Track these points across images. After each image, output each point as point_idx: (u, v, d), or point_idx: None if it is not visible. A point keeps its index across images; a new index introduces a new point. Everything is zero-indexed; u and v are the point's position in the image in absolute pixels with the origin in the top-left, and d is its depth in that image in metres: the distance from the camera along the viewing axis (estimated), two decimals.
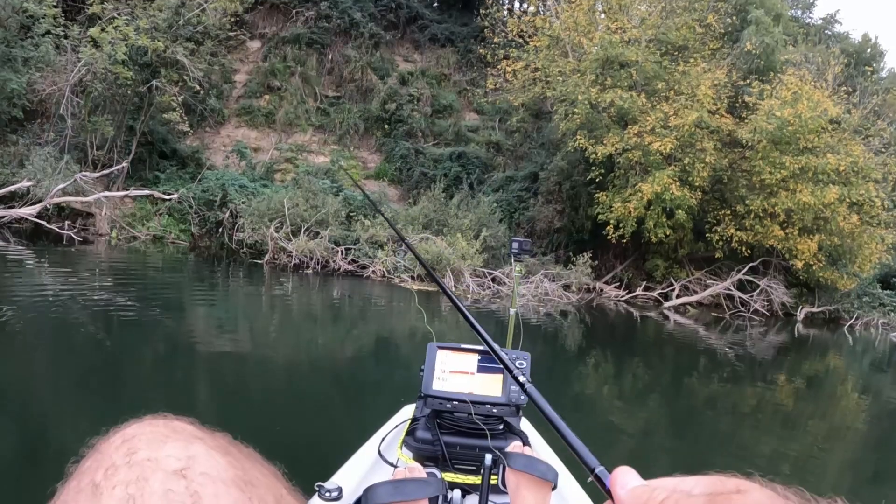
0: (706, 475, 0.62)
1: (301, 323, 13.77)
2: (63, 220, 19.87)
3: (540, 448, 2.84)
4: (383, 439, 2.65)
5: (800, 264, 21.20)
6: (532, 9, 29.48)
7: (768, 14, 23.93)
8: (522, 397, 2.44)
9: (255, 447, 0.81)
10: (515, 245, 4.87)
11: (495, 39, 27.45)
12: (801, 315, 22.55)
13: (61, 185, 18.80)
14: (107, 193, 20.12)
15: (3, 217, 18.65)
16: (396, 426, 2.77)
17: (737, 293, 22.37)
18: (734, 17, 24.61)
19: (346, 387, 8.99)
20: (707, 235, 22.43)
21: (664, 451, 7.81)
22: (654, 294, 22.66)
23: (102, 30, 19.96)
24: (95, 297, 12.42)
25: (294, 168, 26.26)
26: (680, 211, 20.54)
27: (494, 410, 2.46)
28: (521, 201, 24.93)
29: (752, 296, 22.28)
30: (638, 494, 0.64)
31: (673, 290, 22.63)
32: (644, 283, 23.06)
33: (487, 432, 2.39)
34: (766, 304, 22.36)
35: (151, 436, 0.71)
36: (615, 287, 22.99)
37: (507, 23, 27.83)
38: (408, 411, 2.94)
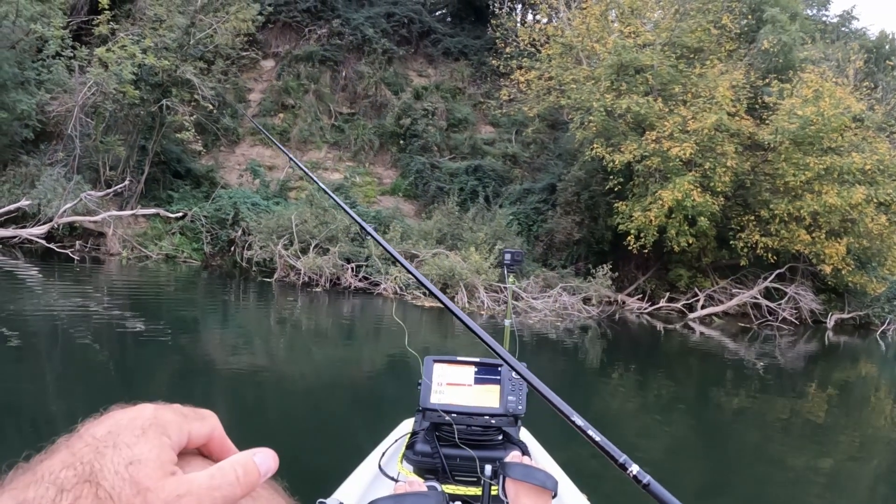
0: None
1: (303, 341, 13.64)
2: (75, 239, 19.90)
3: (540, 457, 2.85)
4: (383, 454, 2.68)
5: (828, 269, 20.56)
6: (545, 20, 29.13)
7: (784, 12, 23.40)
8: (520, 407, 2.47)
9: None
10: (508, 257, 4.66)
11: (507, 50, 27.17)
12: (830, 322, 21.90)
13: (68, 205, 18.86)
14: (113, 213, 20.10)
15: (14, 237, 18.70)
16: (396, 440, 2.78)
17: (764, 302, 21.73)
18: (749, 17, 24.11)
19: (347, 402, 8.97)
20: (731, 242, 21.81)
21: (692, 466, 7.66)
22: (679, 305, 22.04)
23: (108, 49, 19.92)
24: (105, 316, 12.45)
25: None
26: (702, 218, 19.99)
27: (493, 421, 2.47)
28: (540, 213, 24.45)
29: (779, 304, 21.64)
30: None
31: (697, 300, 22.01)
32: (667, 293, 22.46)
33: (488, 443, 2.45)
34: (794, 312, 21.69)
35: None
36: (638, 299, 22.41)
37: (519, 32, 27.52)
38: (407, 425, 2.96)
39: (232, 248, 21.73)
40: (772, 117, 20.69)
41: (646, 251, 21.13)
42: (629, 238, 21.00)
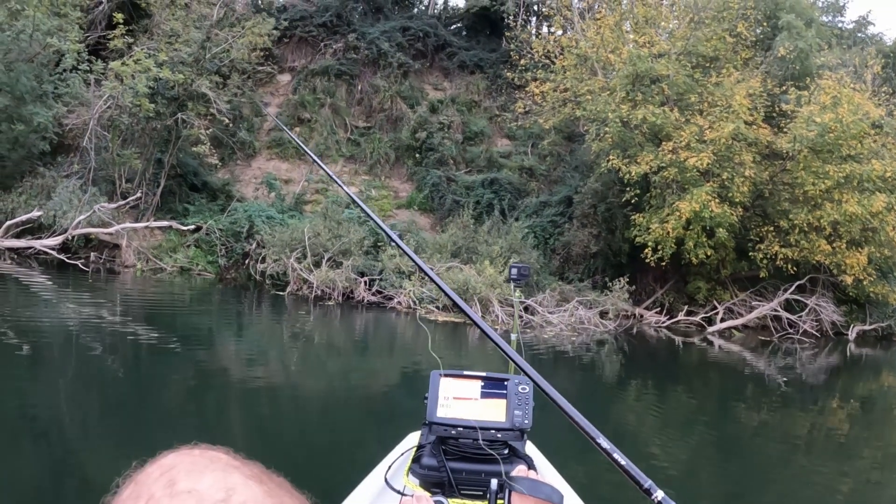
0: None
1: (313, 354, 13.63)
2: (90, 251, 20.10)
3: (546, 471, 2.88)
4: (390, 467, 2.66)
5: (849, 279, 20.19)
6: (560, 32, 29.05)
7: (799, 19, 23.07)
8: (526, 422, 2.47)
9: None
10: (514, 271, 4.63)
11: (521, 62, 27.08)
12: (852, 334, 21.46)
13: (82, 217, 19.04)
14: (126, 225, 20.31)
15: (29, 248, 18.92)
16: (402, 454, 2.76)
17: (784, 314, 21.32)
18: (764, 24, 23.83)
19: (356, 415, 9.01)
20: (750, 254, 21.45)
21: (712, 482, 7.55)
22: (697, 319, 21.68)
23: (123, 63, 20.07)
24: (115, 327, 12.60)
25: (324, 198, 26.03)
26: (720, 229, 19.69)
27: (499, 435, 2.46)
28: (556, 226, 24.25)
29: (800, 316, 21.23)
30: None
31: (717, 313, 21.67)
32: (686, 307, 22.09)
33: (498, 457, 2.42)
34: (815, 324, 21.28)
35: (190, 466, 0.71)
36: (656, 312, 22.08)
37: (533, 44, 27.44)
38: (413, 438, 2.96)
39: (246, 262, 21.72)
40: (790, 125, 20.34)
41: (663, 264, 20.81)
42: (647, 250, 20.72)
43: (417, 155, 28.48)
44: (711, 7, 22.42)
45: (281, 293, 19.34)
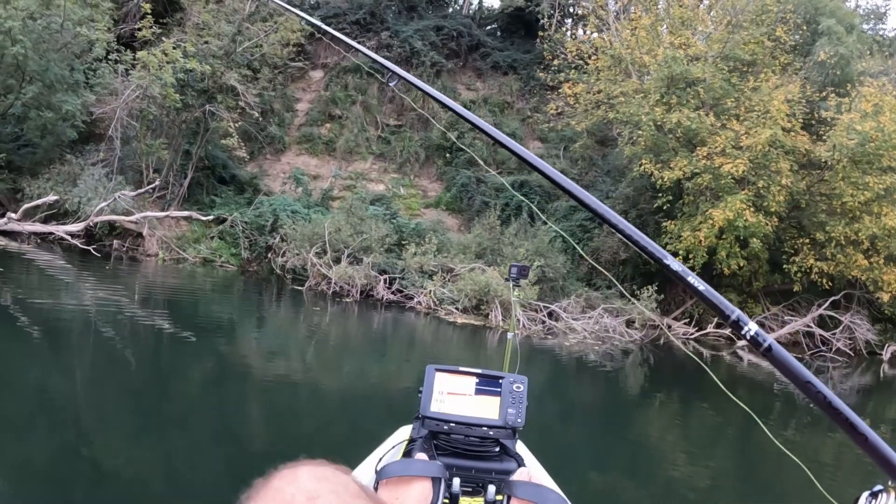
0: None
1: (320, 351, 13.49)
2: (114, 238, 20.27)
3: (535, 471, 2.73)
4: (380, 460, 2.59)
5: (886, 297, 19.57)
6: (594, 33, 28.65)
7: (840, 24, 22.42)
8: (519, 420, 2.48)
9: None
10: (514, 270, 4.44)
11: (554, 62, 26.72)
12: (887, 354, 20.74)
13: (102, 204, 19.12)
14: (147, 213, 20.41)
15: (51, 234, 19.03)
16: (393, 447, 2.74)
17: (817, 330, 20.67)
18: (804, 28, 23.20)
19: (356, 409, 9.09)
20: (784, 266, 20.85)
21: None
22: (727, 332, 21.10)
23: (150, 53, 20.19)
24: (129, 314, 12.60)
25: (352, 195, 25.92)
26: (754, 239, 19.19)
27: (491, 433, 2.48)
28: (586, 231, 23.83)
29: (834, 333, 20.57)
30: None
31: None
32: (715, 319, 21.54)
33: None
34: (849, 342, 20.59)
35: (335, 498, 0.71)
36: (684, 324, 21.55)
37: (567, 45, 27.08)
38: (404, 432, 2.94)
39: (269, 255, 21.61)
40: (829, 133, 19.72)
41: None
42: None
43: (448, 155, 28.30)
44: (750, 10, 21.92)
45: (300, 288, 19.14)
